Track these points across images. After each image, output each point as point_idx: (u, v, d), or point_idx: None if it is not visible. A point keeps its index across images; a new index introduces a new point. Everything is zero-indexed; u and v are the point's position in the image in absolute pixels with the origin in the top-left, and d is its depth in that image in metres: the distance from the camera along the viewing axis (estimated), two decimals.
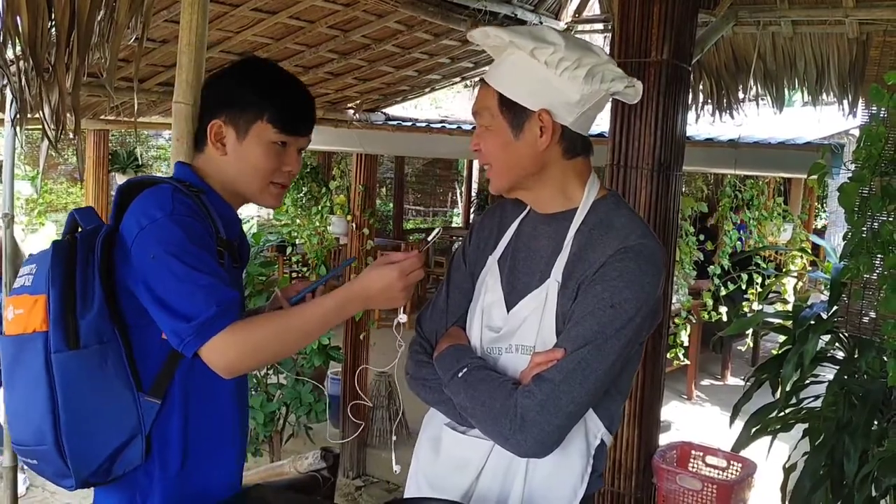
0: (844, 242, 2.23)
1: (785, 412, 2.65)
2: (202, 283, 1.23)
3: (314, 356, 4.13)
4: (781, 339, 2.91)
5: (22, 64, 1.67)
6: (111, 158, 6.68)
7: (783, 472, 2.65)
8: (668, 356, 4.91)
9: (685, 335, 5.33)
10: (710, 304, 5.55)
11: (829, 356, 2.72)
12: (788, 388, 2.57)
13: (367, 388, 5.12)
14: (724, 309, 5.60)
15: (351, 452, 4.98)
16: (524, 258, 1.36)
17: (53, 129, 1.74)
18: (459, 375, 1.28)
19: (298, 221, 6.34)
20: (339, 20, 3.48)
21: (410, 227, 12.84)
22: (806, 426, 2.60)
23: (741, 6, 3.34)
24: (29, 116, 1.77)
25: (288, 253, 7.42)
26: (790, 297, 5.63)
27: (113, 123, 5.48)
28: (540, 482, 1.28)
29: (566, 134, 1.28)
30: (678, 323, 5.30)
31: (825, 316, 2.62)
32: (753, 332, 5.54)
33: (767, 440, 2.70)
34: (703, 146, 3.94)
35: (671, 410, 5.67)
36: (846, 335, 2.63)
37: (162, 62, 3.68)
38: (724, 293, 5.58)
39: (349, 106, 4.84)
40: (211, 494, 1.40)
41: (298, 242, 6.68)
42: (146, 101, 4.04)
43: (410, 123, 4.91)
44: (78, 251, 1.27)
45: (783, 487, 2.64)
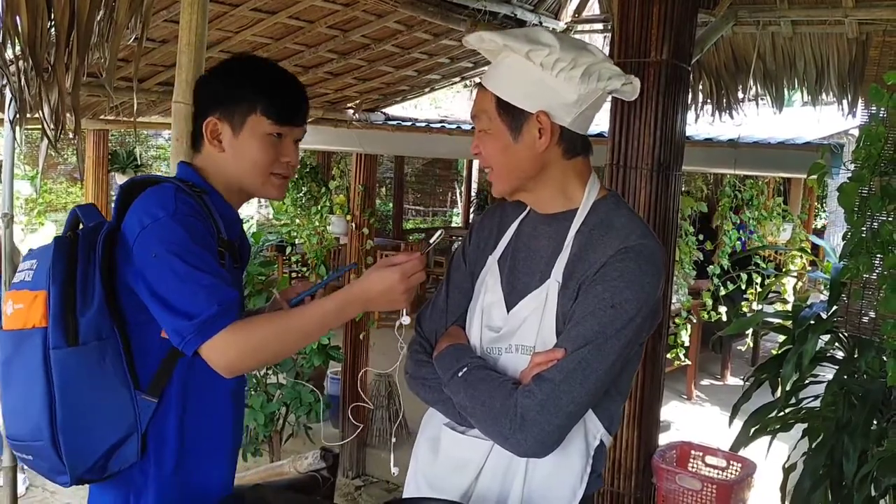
0: (844, 242, 2.23)
1: (784, 412, 2.66)
2: (204, 282, 1.23)
3: (314, 356, 4.13)
4: (781, 338, 2.92)
5: (21, 64, 1.67)
6: (111, 158, 6.68)
7: (783, 471, 2.65)
8: (668, 356, 4.93)
9: (686, 335, 5.33)
10: (709, 304, 5.56)
11: (828, 356, 2.72)
12: (788, 387, 2.57)
13: (367, 388, 5.12)
14: (723, 309, 5.60)
15: (350, 452, 4.98)
16: (524, 258, 1.35)
17: (53, 128, 1.75)
18: (459, 375, 1.28)
19: (298, 221, 6.35)
20: (338, 20, 3.49)
21: (410, 226, 12.84)
22: (805, 426, 2.60)
23: (741, 6, 3.34)
24: (28, 116, 1.77)
25: (287, 253, 7.42)
26: (790, 296, 5.64)
27: (112, 123, 5.48)
28: (539, 482, 1.28)
29: (565, 134, 1.28)
30: (678, 323, 5.30)
31: (825, 316, 2.62)
32: (753, 331, 5.54)
33: (767, 440, 2.70)
34: (702, 146, 3.95)
35: (671, 410, 5.67)
36: (846, 335, 2.63)
37: (161, 62, 3.68)
38: (723, 293, 5.58)
39: (349, 106, 4.84)
40: (205, 494, 1.40)
41: (298, 242, 6.69)
42: (146, 100, 4.04)
43: (410, 123, 4.91)
44: (79, 248, 1.27)
45: (783, 487, 2.65)
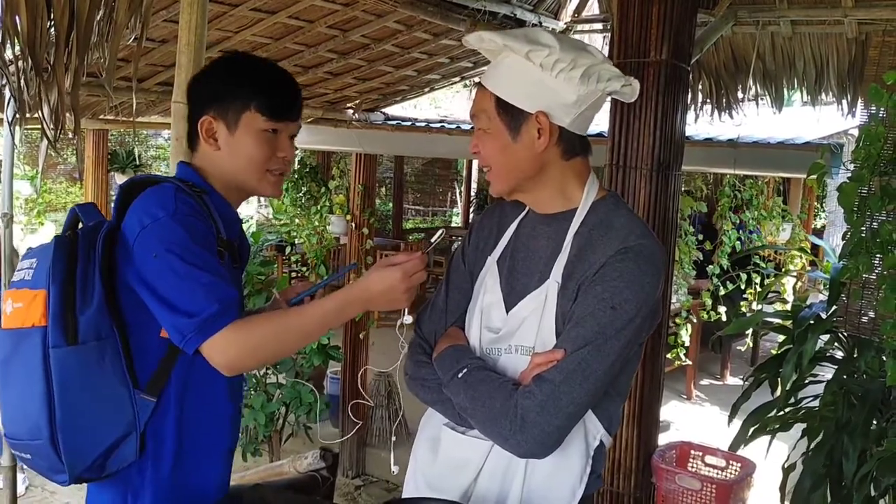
0: (843, 242, 2.23)
1: (784, 412, 2.66)
2: (204, 281, 1.23)
3: (313, 356, 4.13)
4: (781, 338, 2.92)
5: (21, 64, 1.67)
6: (110, 158, 6.68)
7: (782, 471, 2.65)
8: (669, 356, 4.93)
9: (685, 335, 5.33)
10: (709, 303, 5.56)
11: (828, 356, 2.72)
12: (787, 387, 2.57)
13: (367, 387, 5.12)
14: (723, 309, 5.60)
15: (350, 452, 4.98)
16: (523, 259, 1.35)
17: (52, 128, 1.75)
18: (459, 376, 1.28)
19: (298, 221, 6.35)
20: (338, 20, 3.49)
21: (410, 226, 12.85)
22: (805, 426, 2.60)
23: (740, 6, 3.34)
24: (28, 116, 1.77)
25: (287, 252, 7.42)
26: (789, 296, 5.65)
27: (112, 123, 5.49)
28: (539, 483, 1.28)
29: (564, 135, 1.28)
30: (679, 323, 5.30)
31: (824, 316, 2.63)
32: (753, 331, 5.54)
33: (767, 440, 2.70)
34: (702, 146, 3.95)
35: (670, 410, 5.67)
36: (845, 335, 2.63)
37: (161, 62, 3.68)
38: (723, 293, 5.58)
39: (348, 106, 4.84)
40: (202, 493, 1.40)
41: (297, 242, 6.69)
42: (145, 100, 4.04)
43: (410, 123, 4.91)
44: (79, 247, 1.27)
45: (782, 487, 2.65)
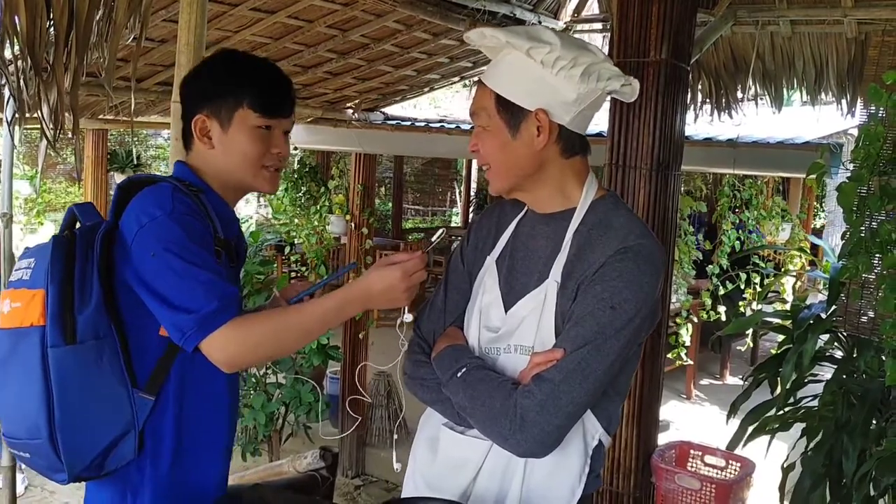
0: (843, 242, 2.23)
1: (783, 411, 2.66)
2: (202, 278, 1.24)
3: (313, 355, 4.13)
4: (780, 338, 2.92)
5: (20, 63, 1.67)
6: (110, 158, 6.68)
7: (782, 471, 2.65)
8: (670, 356, 4.93)
9: (685, 335, 5.33)
10: (708, 303, 5.56)
11: (827, 356, 2.72)
12: (787, 387, 2.57)
13: (366, 386, 5.12)
14: (722, 308, 5.60)
15: (350, 452, 4.98)
16: (522, 258, 1.35)
17: (52, 128, 1.75)
18: (458, 375, 1.28)
19: (297, 221, 6.35)
20: (337, 20, 3.49)
21: (409, 226, 12.85)
22: (804, 425, 2.60)
23: (740, 6, 3.34)
24: (27, 116, 1.77)
25: (286, 252, 7.42)
26: (789, 296, 5.65)
27: (111, 123, 5.48)
28: (538, 482, 1.28)
29: (563, 133, 1.28)
30: (679, 322, 5.30)
31: (824, 315, 2.62)
32: (752, 331, 5.55)
33: (766, 439, 2.70)
34: (701, 146, 3.95)
35: (670, 410, 5.68)
36: (845, 335, 2.63)
37: (161, 62, 3.68)
38: (722, 293, 5.58)
39: (348, 105, 4.84)
40: (200, 490, 1.41)
41: (297, 242, 6.68)
42: (145, 100, 4.04)
43: (409, 123, 4.91)
44: (78, 247, 1.28)
45: (781, 487, 2.65)
